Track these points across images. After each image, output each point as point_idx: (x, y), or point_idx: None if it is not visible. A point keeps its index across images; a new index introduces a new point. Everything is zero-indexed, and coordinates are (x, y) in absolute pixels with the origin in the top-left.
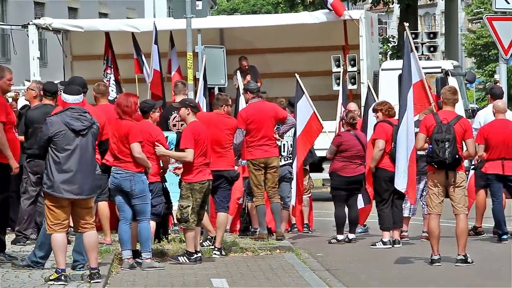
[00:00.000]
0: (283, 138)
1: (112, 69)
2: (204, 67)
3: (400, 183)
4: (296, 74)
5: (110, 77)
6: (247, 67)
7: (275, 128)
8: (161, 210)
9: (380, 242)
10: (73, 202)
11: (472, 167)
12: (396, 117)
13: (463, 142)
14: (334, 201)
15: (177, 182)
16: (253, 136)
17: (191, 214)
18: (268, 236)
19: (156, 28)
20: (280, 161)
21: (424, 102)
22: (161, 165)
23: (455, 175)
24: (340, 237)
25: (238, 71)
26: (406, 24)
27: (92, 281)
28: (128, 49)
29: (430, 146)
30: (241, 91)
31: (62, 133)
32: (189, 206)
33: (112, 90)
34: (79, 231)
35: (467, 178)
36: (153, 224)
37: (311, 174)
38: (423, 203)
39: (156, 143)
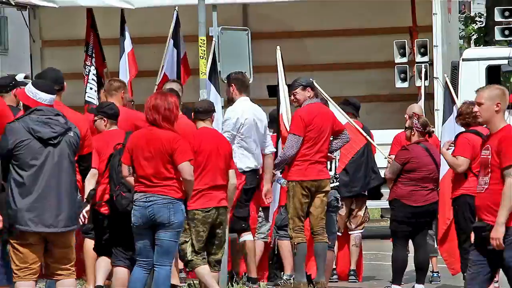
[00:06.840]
0: (334, 157)
1: (93, 59)
2: (213, 54)
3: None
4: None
5: (89, 70)
6: None
7: None
8: None
9: None
10: (45, 237)
11: None
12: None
13: None
14: (394, 238)
15: None
16: (310, 148)
17: (192, 252)
18: (307, 286)
19: (177, 14)
20: None
21: None
22: None
23: None
24: None
25: (279, 49)
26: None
27: None
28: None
29: None
30: (282, 84)
31: (25, 143)
32: (186, 242)
33: (90, 88)
34: (51, 278)
35: None
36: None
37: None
38: None
39: None
